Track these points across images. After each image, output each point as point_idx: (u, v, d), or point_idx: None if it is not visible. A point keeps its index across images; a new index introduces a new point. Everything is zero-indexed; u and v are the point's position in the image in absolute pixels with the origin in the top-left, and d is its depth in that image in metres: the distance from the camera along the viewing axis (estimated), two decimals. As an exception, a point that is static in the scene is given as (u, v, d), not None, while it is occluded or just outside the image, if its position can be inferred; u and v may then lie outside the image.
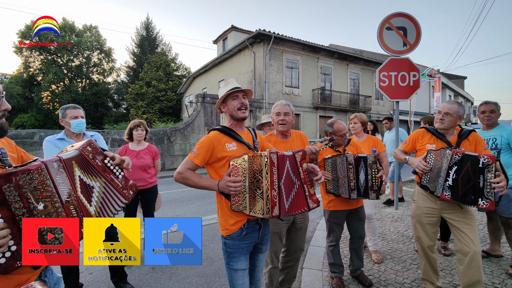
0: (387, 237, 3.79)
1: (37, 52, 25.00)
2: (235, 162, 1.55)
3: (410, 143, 2.50)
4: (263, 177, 1.49)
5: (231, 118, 1.73)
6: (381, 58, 21.12)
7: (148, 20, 29.91)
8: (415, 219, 2.40)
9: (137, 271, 3.04)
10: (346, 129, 2.49)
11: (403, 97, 4.86)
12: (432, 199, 2.30)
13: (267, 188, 1.49)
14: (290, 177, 1.55)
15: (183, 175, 1.60)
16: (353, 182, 2.32)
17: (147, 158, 3.25)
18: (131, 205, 3.22)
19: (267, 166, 1.49)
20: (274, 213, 1.48)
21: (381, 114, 20.68)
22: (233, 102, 1.69)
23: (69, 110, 2.41)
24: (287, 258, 2.35)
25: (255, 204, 1.52)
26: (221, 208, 1.67)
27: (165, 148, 12.49)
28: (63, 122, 2.42)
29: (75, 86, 25.49)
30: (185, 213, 5.34)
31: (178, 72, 27.30)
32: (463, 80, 39.33)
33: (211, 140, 1.62)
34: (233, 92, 1.68)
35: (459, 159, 2.03)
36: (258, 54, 15.25)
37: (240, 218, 1.61)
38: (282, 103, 2.24)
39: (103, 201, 1.19)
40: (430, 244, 2.32)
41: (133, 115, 24.22)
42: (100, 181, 1.19)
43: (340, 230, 2.58)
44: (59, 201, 0.99)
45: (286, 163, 1.55)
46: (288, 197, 1.53)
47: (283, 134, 2.28)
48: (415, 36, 4.79)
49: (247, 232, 1.63)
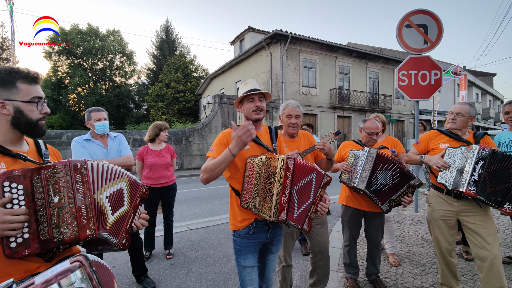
0: (406, 240, 3.71)
1: (65, 56, 26.37)
2: (252, 161, 1.60)
3: (423, 144, 2.47)
4: (276, 180, 1.51)
5: (246, 119, 1.78)
6: (402, 56, 20.44)
7: (168, 23, 30.74)
8: (432, 222, 2.34)
9: (157, 266, 3.17)
10: (377, 130, 2.48)
11: (423, 97, 4.71)
12: (448, 202, 2.24)
13: (278, 191, 1.50)
14: (309, 190, 1.57)
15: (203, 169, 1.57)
16: (366, 174, 2.28)
17: (168, 156, 3.40)
18: (153, 202, 3.36)
19: (282, 170, 1.50)
20: (280, 218, 1.50)
21: (402, 114, 20.04)
22: (248, 104, 1.72)
23: (93, 113, 2.56)
24: (315, 258, 2.30)
25: (263, 204, 1.55)
26: (231, 204, 1.73)
27: (183, 148, 12.78)
28: (89, 124, 2.57)
29: (99, 89, 26.63)
30: (202, 212, 5.47)
31: (196, 74, 27.82)
32: (492, 77, 37.23)
33: (225, 136, 1.68)
34: (249, 94, 1.72)
35: (486, 154, 2.00)
36: (274, 54, 15.25)
37: (248, 217, 1.65)
38: (293, 105, 2.25)
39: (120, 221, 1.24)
40: (448, 248, 2.26)
41: (153, 116, 24.94)
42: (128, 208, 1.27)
43: (354, 231, 2.56)
44: (73, 198, 1.06)
45: (310, 175, 1.56)
46: (300, 207, 1.56)
47: (291, 135, 2.31)
48: (437, 33, 4.63)
49: (255, 231, 1.66)
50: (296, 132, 2.28)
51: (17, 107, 1.09)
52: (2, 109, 1.08)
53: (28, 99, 1.11)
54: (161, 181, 3.30)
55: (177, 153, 12.62)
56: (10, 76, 1.08)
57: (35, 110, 1.13)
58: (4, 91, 1.07)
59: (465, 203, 2.17)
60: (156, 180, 3.28)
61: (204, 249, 3.64)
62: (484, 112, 30.91)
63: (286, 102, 2.31)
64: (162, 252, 3.53)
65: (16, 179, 1.00)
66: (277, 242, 1.80)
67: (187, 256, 3.42)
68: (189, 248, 3.67)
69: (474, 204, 2.13)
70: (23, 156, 1.10)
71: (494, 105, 35.81)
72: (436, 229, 2.30)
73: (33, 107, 1.12)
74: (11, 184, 0.99)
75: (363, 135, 2.56)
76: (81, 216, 1.06)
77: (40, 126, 1.16)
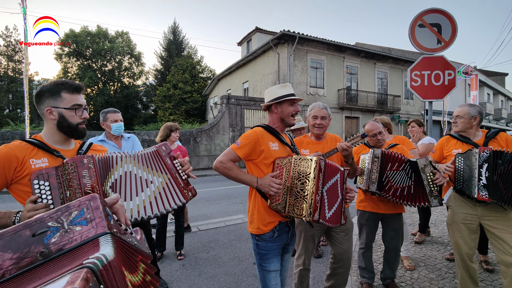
0: (419, 243, 3.63)
1: (74, 58, 26.85)
2: (281, 162, 1.60)
3: (438, 152, 2.46)
4: (310, 180, 1.51)
5: (280, 121, 1.77)
6: (411, 56, 20.20)
7: (175, 24, 30.93)
8: (452, 226, 2.29)
9: (168, 267, 3.17)
10: (377, 130, 2.45)
11: (436, 97, 4.63)
12: (470, 205, 2.19)
13: (312, 191, 1.51)
14: (336, 189, 1.63)
15: (226, 165, 1.63)
16: (375, 175, 2.25)
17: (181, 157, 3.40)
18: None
19: (315, 171, 1.51)
20: (314, 217, 1.51)
21: (411, 115, 19.76)
22: (289, 108, 1.73)
23: (110, 114, 2.58)
24: (336, 265, 2.20)
25: (296, 205, 1.55)
26: (256, 206, 1.68)
27: (191, 148, 12.84)
28: (104, 125, 2.59)
29: (108, 90, 27.02)
30: (211, 213, 5.48)
31: (203, 74, 27.98)
32: (504, 77, 36.44)
33: (257, 134, 1.66)
34: (293, 98, 1.73)
35: (487, 156, 1.98)
36: (282, 55, 15.22)
37: (274, 219, 1.64)
38: (319, 106, 2.23)
39: (160, 195, 1.35)
40: (469, 253, 2.20)
41: (161, 117, 25.16)
42: (164, 177, 1.38)
43: (370, 234, 2.52)
44: (80, 192, 1.16)
45: (336, 175, 1.63)
46: (331, 207, 1.59)
47: (317, 136, 2.29)
48: (451, 33, 4.54)
49: (278, 234, 1.66)
50: (321, 134, 2.25)
51: (61, 113, 1.28)
52: (50, 115, 1.27)
53: (69, 106, 1.28)
54: (173, 182, 3.31)
55: (185, 153, 12.75)
56: (57, 87, 1.27)
57: (75, 116, 1.30)
58: (52, 100, 1.27)
59: (488, 207, 2.11)
60: (168, 181, 3.29)
61: (215, 250, 3.63)
62: (496, 113, 30.25)
63: (313, 103, 2.30)
64: (173, 253, 3.53)
65: (44, 177, 1.14)
66: (293, 242, 1.84)
67: (198, 257, 3.42)
68: (200, 249, 3.67)
69: (497, 208, 2.07)
70: (55, 153, 1.26)
71: (506, 105, 35.02)
72: (456, 232, 2.24)
73: (73, 113, 1.29)
74: (39, 181, 1.13)
75: (368, 139, 2.54)
76: None
77: (80, 129, 1.34)
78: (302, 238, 2.22)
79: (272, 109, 1.78)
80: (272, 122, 1.80)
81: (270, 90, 1.79)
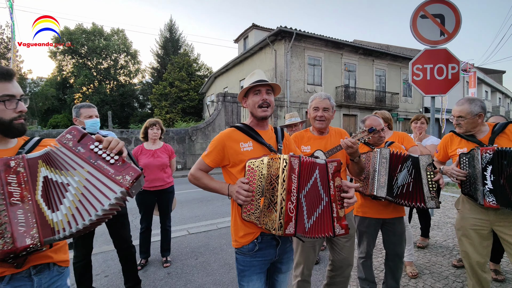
0: (423, 247, 3.40)
1: (69, 56, 26.43)
2: (252, 164, 1.34)
3: (442, 151, 2.22)
4: (279, 185, 1.25)
5: (251, 115, 1.52)
6: (409, 53, 19.99)
7: (172, 22, 30.56)
8: (461, 231, 2.05)
9: (153, 276, 2.93)
10: (378, 125, 2.21)
11: (439, 92, 4.39)
12: (481, 209, 1.95)
13: (282, 198, 1.24)
14: (317, 190, 1.29)
15: (195, 175, 1.48)
16: (384, 178, 2.03)
17: (164, 157, 3.14)
18: (148, 206, 3.13)
19: (285, 172, 1.24)
20: (288, 231, 1.22)
21: (409, 112, 19.58)
22: (254, 98, 1.47)
23: (84, 109, 2.33)
24: (333, 273, 2.03)
25: (268, 215, 1.29)
26: (233, 216, 1.47)
27: (187, 147, 12.58)
28: (77, 121, 2.34)
29: (104, 88, 26.64)
30: (203, 214, 5.23)
31: (200, 72, 27.64)
32: (501, 74, 36.39)
33: (222, 138, 1.44)
34: (255, 86, 1.46)
35: (490, 157, 1.75)
36: (279, 51, 14.95)
37: (252, 230, 1.39)
38: (321, 97, 1.99)
39: (85, 196, 0.98)
40: (480, 261, 1.96)
41: (157, 115, 24.86)
42: (80, 173, 1.00)
43: (371, 242, 2.27)
44: (4, 204, 0.91)
45: (314, 173, 1.29)
46: (310, 215, 1.27)
47: (319, 131, 2.04)
48: (454, 24, 4.30)
49: (261, 247, 1.40)
50: (324, 127, 2.00)
51: None
52: None
53: None
54: (156, 184, 3.05)
55: (179, 152, 12.45)
56: None
57: (6, 110, 1.04)
58: None
59: (501, 212, 1.87)
60: (151, 182, 3.03)
61: (205, 256, 3.39)
62: (494, 110, 30.14)
63: (315, 94, 2.05)
64: (159, 259, 3.29)
65: None
66: (287, 260, 1.53)
67: (185, 264, 3.18)
68: (188, 255, 3.42)
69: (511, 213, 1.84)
70: None
71: (504, 103, 34.96)
72: (465, 239, 2.01)
73: (2, 106, 1.03)
74: None
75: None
76: (17, 224, 0.90)
77: (16, 126, 1.07)
78: (300, 245, 1.98)
79: (243, 105, 1.56)
80: (248, 119, 1.58)
81: (244, 84, 1.56)
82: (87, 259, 2.37)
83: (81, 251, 2.32)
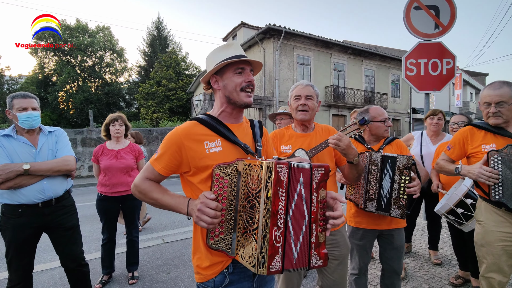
0: (419, 256, 3.12)
1: (52, 53, 25.37)
2: (220, 172, 0.98)
3: (457, 148, 1.87)
4: (261, 204, 0.85)
5: (227, 102, 1.11)
6: (398, 53, 20.08)
7: (159, 19, 29.94)
8: (485, 248, 1.72)
9: (114, 295, 2.52)
10: (385, 115, 1.92)
11: (434, 88, 4.14)
12: (511, 220, 1.64)
13: (264, 223, 0.83)
14: (301, 206, 0.90)
15: (140, 188, 1.07)
16: (374, 189, 1.73)
17: (129, 158, 2.73)
18: (110, 214, 2.72)
19: (270, 186, 0.83)
20: (273, 267, 0.83)
21: (398, 113, 19.65)
22: (234, 78, 1.08)
23: (17, 99, 1.91)
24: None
25: (243, 243, 0.92)
26: (195, 239, 1.09)
27: (172, 147, 12.11)
28: (10, 114, 1.92)
29: (88, 86, 25.68)
30: (183, 219, 4.81)
31: (188, 71, 27.06)
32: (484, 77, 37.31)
33: (179, 134, 1.04)
34: (238, 62, 1.07)
35: None
36: (268, 50, 14.65)
37: (221, 259, 1.03)
38: (303, 84, 1.66)
39: None
40: (502, 281, 1.66)
41: (144, 115, 24.17)
42: None
43: (365, 256, 1.95)
44: None
45: (298, 182, 0.89)
46: (297, 241, 0.88)
47: (303, 126, 1.69)
48: (449, 16, 4.06)
49: (233, 280, 1.04)
50: (308, 119, 1.63)
51: None
52: None
53: None
54: (119, 189, 2.64)
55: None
56: None
57: None
58: None
59: None
60: (112, 187, 2.62)
61: (178, 269, 3.00)
62: (478, 112, 30.79)
63: (296, 82, 1.72)
64: (125, 275, 2.88)
65: None
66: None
67: (155, 280, 2.78)
68: (160, 269, 3.02)
69: None
70: None
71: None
72: (489, 257, 1.69)
73: None
74: None
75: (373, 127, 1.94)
76: None
77: None
78: None
79: (213, 87, 1.14)
80: (218, 107, 1.15)
81: (208, 57, 1.15)
82: (26, 283, 1.96)
83: (15, 273, 1.90)
